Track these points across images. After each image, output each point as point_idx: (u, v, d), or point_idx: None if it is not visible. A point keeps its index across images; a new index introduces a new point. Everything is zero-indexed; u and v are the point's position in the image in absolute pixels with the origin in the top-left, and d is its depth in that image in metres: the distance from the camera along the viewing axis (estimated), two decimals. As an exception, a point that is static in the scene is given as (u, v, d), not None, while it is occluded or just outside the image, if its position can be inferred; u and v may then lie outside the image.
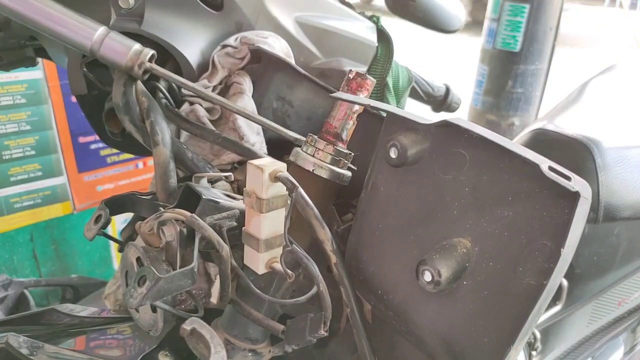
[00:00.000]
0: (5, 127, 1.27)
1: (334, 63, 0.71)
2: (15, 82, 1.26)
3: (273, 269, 0.43)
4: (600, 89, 1.04)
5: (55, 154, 1.36)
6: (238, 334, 0.48)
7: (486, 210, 0.36)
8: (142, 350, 0.49)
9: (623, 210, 0.79)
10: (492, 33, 2.45)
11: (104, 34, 0.47)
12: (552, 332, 0.92)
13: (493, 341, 0.35)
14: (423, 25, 0.86)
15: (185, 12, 0.57)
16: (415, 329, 0.40)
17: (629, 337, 1.08)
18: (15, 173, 1.31)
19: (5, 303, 1.19)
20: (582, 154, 0.77)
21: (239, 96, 0.57)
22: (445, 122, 0.38)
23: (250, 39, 0.59)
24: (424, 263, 0.36)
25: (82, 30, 0.46)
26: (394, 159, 0.39)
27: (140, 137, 0.51)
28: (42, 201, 1.36)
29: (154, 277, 0.37)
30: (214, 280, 0.49)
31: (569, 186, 0.32)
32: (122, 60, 0.47)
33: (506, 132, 2.52)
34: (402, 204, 0.41)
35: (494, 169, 0.36)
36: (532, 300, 0.33)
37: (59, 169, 1.37)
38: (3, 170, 1.29)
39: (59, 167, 1.37)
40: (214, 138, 0.53)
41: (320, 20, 0.70)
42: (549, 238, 0.33)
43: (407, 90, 0.84)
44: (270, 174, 0.39)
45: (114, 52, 0.47)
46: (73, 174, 1.40)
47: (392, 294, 0.41)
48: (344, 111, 0.47)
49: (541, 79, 2.46)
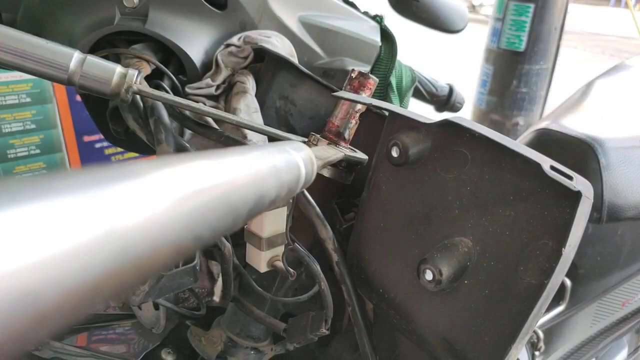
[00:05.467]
0: (11, 126, 1.28)
1: (337, 62, 0.71)
2: (20, 81, 1.27)
3: (275, 267, 0.43)
4: (604, 89, 1.03)
5: (60, 152, 1.37)
6: (240, 332, 0.49)
7: (488, 210, 0.36)
8: (146, 347, 0.50)
9: (627, 210, 0.79)
10: (496, 33, 2.44)
11: (80, 61, 0.41)
12: (556, 332, 0.92)
13: (494, 340, 0.35)
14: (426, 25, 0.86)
15: (189, 11, 0.58)
16: (417, 328, 0.40)
17: (633, 338, 1.07)
18: (21, 171, 1.32)
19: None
20: (585, 154, 0.77)
21: (242, 95, 0.57)
22: (446, 121, 0.38)
23: (253, 38, 0.59)
24: (425, 262, 0.36)
25: (53, 61, 0.40)
26: (396, 158, 0.39)
27: (144, 136, 0.51)
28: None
29: (156, 275, 0.37)
30: (217, 278, 0.49)
31: (571, 185, 0.32)
32: (105, 88, 0.42)
33: (510, 132, 2.51)
34: (404, 203, 0.41)
35: (495, 168, 0.36)
36: (533, 300, 0.33)
37: (63, 167, 1.38)
38: (8, 168, 1.30)
39: (63, 166, 1.38)
40: (217, 137, 0.53)
41: (324, 20, 0.70)
42: (551, 237, 0.33)
43: (410, 89, 0.84)
44: (273, 172, 0.39)
45: (94, 82, 0.42)
46: (78, 173, 1.40)
47: (393, 292, 0.41)
48: (346, 110, 0.47)
49: (546, 79, 2.45)
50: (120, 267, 0.13)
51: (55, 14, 0.56)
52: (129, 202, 0.14)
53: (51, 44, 0.41)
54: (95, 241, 0.13)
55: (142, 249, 0.14)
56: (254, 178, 0.21)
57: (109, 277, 0.13)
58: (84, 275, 0.12)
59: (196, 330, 0.50)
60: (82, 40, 0.54)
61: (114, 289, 0.13)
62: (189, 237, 0.16)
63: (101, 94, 0.43)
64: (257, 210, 0.22)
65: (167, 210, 0.15)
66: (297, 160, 0.26)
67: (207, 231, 0.17)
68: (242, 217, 0.20)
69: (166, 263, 0.16)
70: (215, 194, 0.18)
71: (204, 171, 0.18)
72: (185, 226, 0.16)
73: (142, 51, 0.55)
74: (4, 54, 0.39)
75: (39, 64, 0.40)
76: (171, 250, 0.16)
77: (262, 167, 0.22)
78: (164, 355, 0.49)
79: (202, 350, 0.48)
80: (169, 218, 0.15)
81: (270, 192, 0.23)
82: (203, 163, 0.18)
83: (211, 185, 0.18)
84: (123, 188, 0.14)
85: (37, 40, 0.40)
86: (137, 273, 0.14)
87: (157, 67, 0.54)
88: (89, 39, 0.54)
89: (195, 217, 0.17)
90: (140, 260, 0.14)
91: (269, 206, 0.23)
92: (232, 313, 0.50)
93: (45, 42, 0.41)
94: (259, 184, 0.21)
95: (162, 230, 0.15)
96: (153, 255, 0.15)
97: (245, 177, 0.20)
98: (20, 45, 0.40)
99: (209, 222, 0.17)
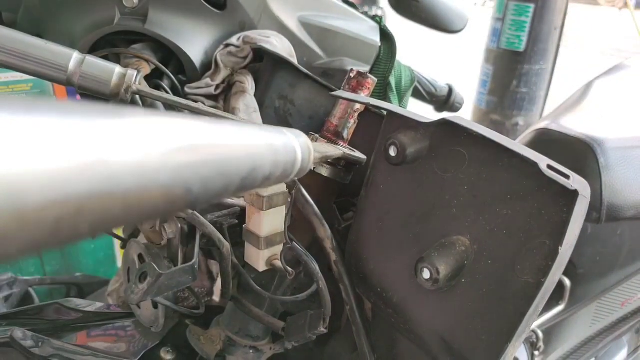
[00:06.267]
0: (11, 126, 1.28)
1: (336, 63, 0.71)
2: (21, 81, 1.27)
3: (273, 266, 0.43)
4: (604, 89, 1.03)
5: (61, 152, 1.37)
6: (239, 331, 0.49)
7: (485, 209, 0.36)
8: (145, 346, 0.50)
9: (626, 210, 0.79)
10: (496, 33, 2.44)
11: (79, 61, 0.41)
12: (555, 332, 0.92)
13: (491, 338, 0.35)
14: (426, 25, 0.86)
15: (189, 11, 0.58)
16: (414, 327, 0.41)
17: (633, 338, 1.07)
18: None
19: (10, 301, 1.20)
20: (585, 154, 0.77)
21: (241, 95, 0.57)
22: (444, 120, 0.38)
23: (252, 38, 0.59)
24: (423, 261, 0.36)
25: (52, 62, 0.40)
26: (394, 158, 0.39)
27: None
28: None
29: (154, 274, 0.37)
30: (217, 278, 0.50)
31: (568, 185, 0.33)
32: (105, 88, 0.42)
33: (510, 132, 2.51)
34: (402, 202, 0.41)
35: (493, 168, 0.36)
36: (530, 298, 0.34)
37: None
38: (9, 168, 1.30)
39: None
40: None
41: (323, 20, 0.70)
42: (547, 236, 0.33)
43: (409, 90, 0.84)
44: (271, 171, 0.39)
45: (94, 82, 0.42)
46: (78, 173, 1.41)
47: (391, 291, 0.42)
48: (344, 110, 0.47)
49: (546, 79, 2.45)
50: (106, 195, 0.14)
51: (55, 14, 0.56)
52: (123, 137, 0.15)
53: (50, 44, 0.41)
54: (84, 164, 0.13)
55: (129, 184, 0.15)
56: (250, 150, 0.22)
57: (92, 202, 0.14)
58: (68, 192, 0.13)
59: (195, 329, 0.50)
60: (82, 40, 0.55)
61: (98, 216, 0.14)
62: (179, 186, 0.17)
63: (101, 94, 0.43)
64: (250, 181, 0.22)
65: (161, 156, 0.16)
66: (294, 144, 0.27)
67: (197, 186, 0.18)
68: (234, 183, 0.21)
69: (155, 207, 0.17)
70: (210, 153, 0.19)
71: (202, 129, 0.19)
72: (176, 175, 0.17)
73: (141, 51, 0.55)
74: (2, 55, 0.39)
75: (38, 64, 0.40)
76: (160, 193, 0.16)
77: (259, 142, 0.23)
78: (163, 354, 0.49)
79: (201, 349, 0.48)
80: (161, 163, 0.16)
81: (265, 168, 0.23)
82: (203, 124, 0.20)
83: (207, 144, 0.19)
84: (121, 124, 0.15)
85: (36, 41, 0.40)
86: (124, 207, 0.15)
87: (157, 67, 0.54)
88: (89, 38, 0.55)
89: (186, 169, 0.18)
90: (127, 195, 0.15)
91: (262, 182, 0.24)
92: (231, 312, 0.50)
93: (44, 42, 0.40)
94: (253, 156, 0.22)
95: (152, 171, 0.16)
96: (141, 194, 0.16)
97: (241, 146, 0.22)
98: (19, 46, 0.39)
99: (200, 178, 0.18)
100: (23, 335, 0.47)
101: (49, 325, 0.54)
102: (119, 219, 0.16)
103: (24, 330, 0.48)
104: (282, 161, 0.25)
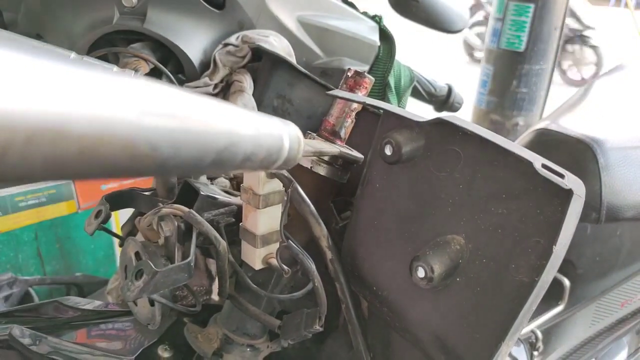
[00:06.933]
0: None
1: (335, 62, 0.72)
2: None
3: (269, 265, 0.43)
4: (604, 89, 1.03)
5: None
6: (236, 329, 0.49)
7: (480, 208, 0.36)
8: (142, 344, 0.50)
9: (626, 210, 0.78)
10: (496, 33, 2.44)
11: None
12: (554, 332, 0.92)
13: (485, 337, 0.36)
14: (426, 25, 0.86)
15: (188, 10, 0.58)
16: (409, 325, 0.41)
17: (633, 339, 1.07)
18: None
19: (10, 301, 1.20)
20: (584, 154, 0.76)
21: (239, 94, 0.57)
22: (439, 119, 0.38)
23: (251, 37, 0.59)
24: (418, 259, 0.36)
25: None
26: (389, 156, 0.39)
27: None
28: (47, 200, 1.37)
29: (150, 271, 0.37)
30: (215, 277, 0.50)
31: (562, 184, 0.33)
32: None
33: (510, 132, 2.51)
34: (397, 201, 0.41)
35: (488, 167, 0.36)
36: (524, 297, 0.34)
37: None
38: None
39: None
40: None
41: (322, 20, 0.70)
42: (542, 235, 0.33)
43: (408, 89, 0.85)
44: (267, 170, 0.40)
45: None
46: (78, 173, 1.41)
47: (386, 290, 0.42)
48: (341, 109, 0.47)
49: (546, 79, 2.45)
50: (57, 132, 0.14)
51: (55, 14, 0.57)
52: (86, 84, 0.15)
53: (47, 46, 0.41)
54: (38, 94, 0.14)
55: (83, 127, 0.15)
56: (229, 125, 0.22)
57: (43, 135, 0.14)
58: (17, 118, 0.13)
59: (192, 327, 0.50)
60: (81, 39, 0.55)
61: (49, 151, 0.14)
62: (142, 143, 0.17)
63: None
64: (228, 157, 0.22)
65: (123, 109, 0.16)
66: (281, 131, 0.27)
67: (165, 147, 0.18)
68: (209, 156, 0.21)
69: (115, 159, 0.17)
70: (182, 117, 0.19)
71: (178, 96, 0.20)
72: (139, 131, 0.17)
73: (140, 50, 0.55)
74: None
75: None
76: (120, 146, 0.17)
77: (240, 120, 0.23)
78: (160, 352, 0.49)
79: (198, 347, 0.48)
80: (122, 116, 0.16)
81: (245, 146, 0.23)
82: (181, 92, 0.20)
83: (180, 108, 0.19)
84: (92, 74, 0.16)
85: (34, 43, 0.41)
86: (79, 150, 0.15)
87: (156, 66, 0.55)
88: (89, 38, 0.55)
89: (153, 128, 0.18)
90: (82, 139, 0.15)
91: (243, 162, 0.24)
92: (228, 310, 0.50)
93: (41, 44, 0.41)
94: (231, 131, 0.22)
95: (109, 121, 0.16)
96: (96, 140, 0.16)
97: (219, 119, 0.22)
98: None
99: (169, 140, 0.19)
100: (21, 332, 0.47)
101: (47, 323, 0.54)
102: (75, 163, 0.15)
103: (22, 328, 0.48)
104: (265, 144, 0.25)
